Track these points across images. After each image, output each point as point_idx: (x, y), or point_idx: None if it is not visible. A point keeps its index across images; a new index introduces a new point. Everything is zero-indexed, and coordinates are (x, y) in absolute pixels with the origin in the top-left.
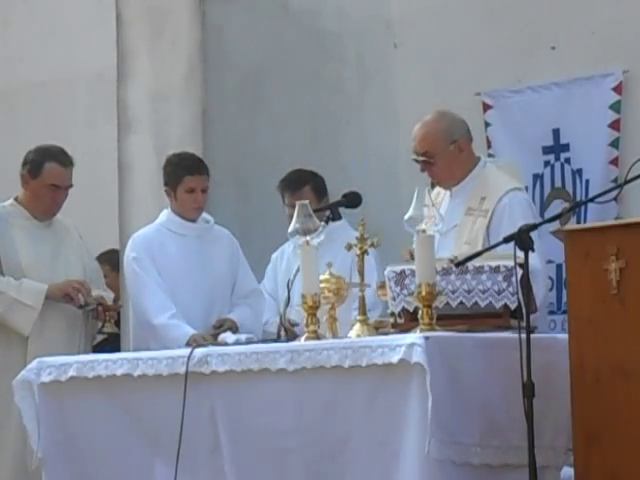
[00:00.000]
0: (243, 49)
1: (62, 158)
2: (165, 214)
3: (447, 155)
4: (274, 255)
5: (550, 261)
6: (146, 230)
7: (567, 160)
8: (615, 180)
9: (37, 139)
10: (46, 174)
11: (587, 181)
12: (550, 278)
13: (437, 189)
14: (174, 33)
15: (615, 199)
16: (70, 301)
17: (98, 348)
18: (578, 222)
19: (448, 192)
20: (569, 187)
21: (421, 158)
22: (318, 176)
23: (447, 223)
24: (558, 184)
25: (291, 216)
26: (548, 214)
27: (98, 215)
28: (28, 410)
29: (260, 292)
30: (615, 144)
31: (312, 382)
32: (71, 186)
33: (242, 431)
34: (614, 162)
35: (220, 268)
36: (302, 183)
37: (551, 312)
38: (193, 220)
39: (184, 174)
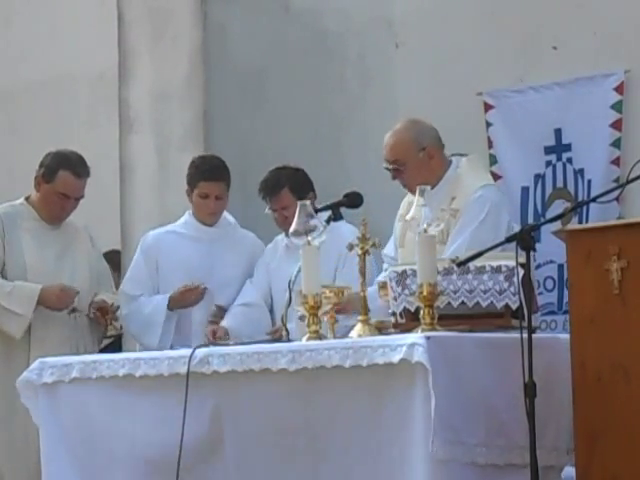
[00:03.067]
0: (245, 49)
1: (77, 168)
2: (185, 216)
3: (417, 162)
4: (268, 246)
5: (551, 261)
6: (159, 231)
7: (569, 160)
8: (617, 180)
9: (39, 139)
10: (58, 182)
11: (589, 181)
12: (551, 278)
13: (407, 199)
14: (175, 33)
15: (617, 199)
16: (60, 307)
17: (105, 351)
18: (580, 222)
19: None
20: (571, 187)
21: (392, 166)
22: (297, 172)
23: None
24: (560, 184)
25: (276, 219)
26: (550, 214)
27: (99, 215)
28: (36, 409)
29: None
30: (617, 144)
31: (313, 382)
32: (82, 197)
33: (244, 431)
34: (616, 162)
35: (232, 273)
36: (279, 187)
37: (552, 312)
38: (210, 224)
39: (200, 179)
